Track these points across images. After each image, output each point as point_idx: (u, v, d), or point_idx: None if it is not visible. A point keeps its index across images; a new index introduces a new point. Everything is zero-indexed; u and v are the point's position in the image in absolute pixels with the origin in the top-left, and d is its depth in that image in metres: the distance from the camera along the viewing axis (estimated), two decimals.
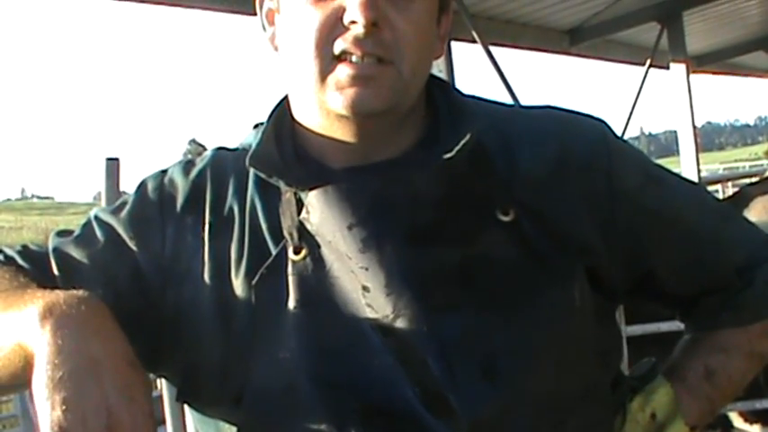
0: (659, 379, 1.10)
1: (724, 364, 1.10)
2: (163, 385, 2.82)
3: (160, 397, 2.69)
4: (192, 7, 5.46)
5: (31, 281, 0.97)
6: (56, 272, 1.01)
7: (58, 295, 0.86)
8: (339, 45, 0.94)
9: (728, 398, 1.13)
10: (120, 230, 1.03)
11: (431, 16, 1.00)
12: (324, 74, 0.95)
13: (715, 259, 1.09)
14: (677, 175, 1.14)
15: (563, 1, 6.88)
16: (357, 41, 0.93)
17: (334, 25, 0.94)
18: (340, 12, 0.94)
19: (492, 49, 6.29)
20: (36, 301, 0.86)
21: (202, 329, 0.97)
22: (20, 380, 0.88)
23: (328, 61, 0.95)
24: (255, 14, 1.08)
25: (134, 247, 1.02)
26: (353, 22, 0.93)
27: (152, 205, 1.05)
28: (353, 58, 0.94)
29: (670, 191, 1.09)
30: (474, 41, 6.11)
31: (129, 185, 2.54)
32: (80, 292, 0.87)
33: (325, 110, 0.97)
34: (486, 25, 6.55)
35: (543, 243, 0.97)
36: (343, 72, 0.94)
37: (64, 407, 0.78)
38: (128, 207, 1.05)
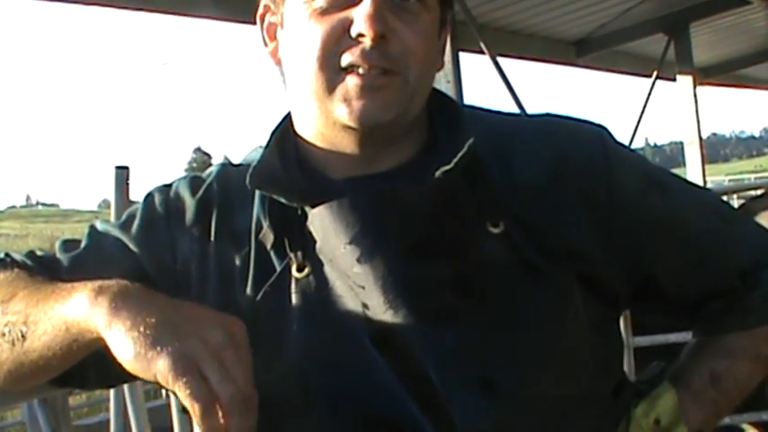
0: (664, 384, 1.10)
1: (730, 369, 1.09)
2: (171, 393, 2.82)
3: (168, 405, 2.70)
4: (196, 16, 5.47)
5: (50, 280, 0.98)
6: (66, 278, 1.01)
7: (103, 280, 0.88)
8: (346, 58, 0.95)
9: (735, 402, 1.12)
10: (130, 245, 1.05)
11: (434, 30, 1.02)
12: (331, 85, 0.96)
13: (718, 263, 1.09)
14: (682, 179, 1.14)
15: (570, 12, 6.89)
16: (364, 54, 0.94)
17: (340, 37, 0.96)
18: (346, 24, 0.95)
19: (499, 59, 6.30)
20: (83, 286, 0.88)
21: None
22: (66, 356, 0.90)
23: (335, 73, 0.96)
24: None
25: (143, 260, 1.04)
26: (361, 35, 0.94)
27: (160, 219, 1.06)
28: (360, 70, 0.95)
29: (672, 195, 1.09)
30: (482, 52, 6.12)
31: (136, 193, 2.56)
32: (121, 280, 0.89)
33: (331, 120, 0.98)
34: (494, 36, 6.56)
35: (535, 253, 0.98)
36: (351, 83, 0.95)
37: (169, 353, 0.79)
38: (136, 221, 1.07)
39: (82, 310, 0.85)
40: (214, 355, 0.79)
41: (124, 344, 0.81)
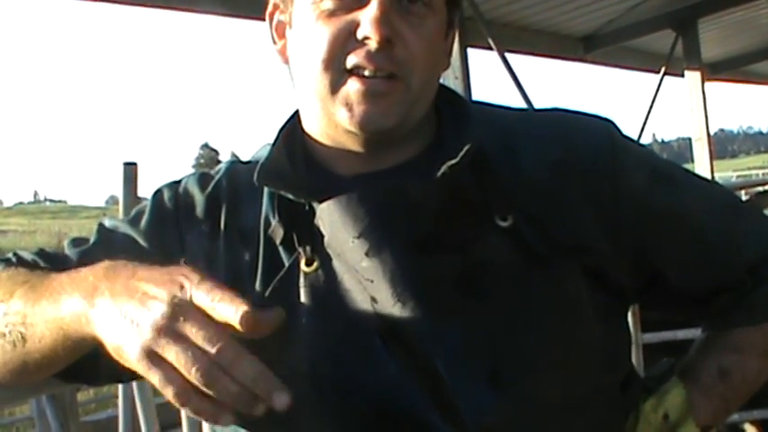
0: (673, 380, 1.10)
1: (738, 364, 1.10)
2: None
3: None
4: (201, 12, 5.46)
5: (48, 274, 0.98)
6: None
7: (91, 266, 0.89)
8: (351, 60, 0.96)
9: (743, 397, 1.13)
10: (139, 240, 1.06)
11: (441, 32, 1.03)
12: (334, 87, 0.97)
13: (725, 257, 1.09)
14: (691, 173, 1.14)
15: (578, 8, 6.87)
16: (369, 56, 0.95)
17: (346, 39, 0.96)
18: (353, 26, 0.96)
19: (507, 55, 6.29)
20: (70, 282, 0.89)
21: None
22: (69, 351, 0.91)
23: (339, 74, 0.96)
24: (264, 19, 1.09)
25: (152, 256, 1.03)
26: (367, 38, 0.94)
27: (169, 215, 1.07)
28: (365, 73, 0.95)
29: (679, 189, 1.09)
30: (490, 48, 6.11)
31: (144, 190, 2.56)
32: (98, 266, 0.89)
33: (334, 122, 0.99)
34: (502, 32, 6.54)
35: (542, 247, 0.98)
36: (353, 87, 0.96)
37: (133, 347, 0.79)
38: (145, 217, 1.08)
39: (73, 309, 0.87)
40: (166, 334, 0.77)
41: (108, 336, 0.82)
